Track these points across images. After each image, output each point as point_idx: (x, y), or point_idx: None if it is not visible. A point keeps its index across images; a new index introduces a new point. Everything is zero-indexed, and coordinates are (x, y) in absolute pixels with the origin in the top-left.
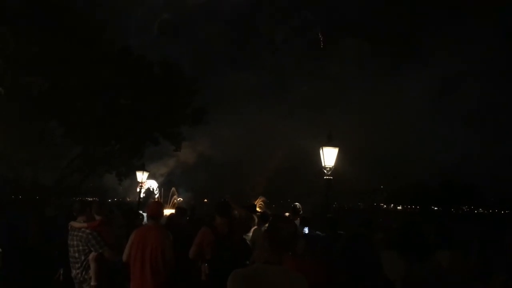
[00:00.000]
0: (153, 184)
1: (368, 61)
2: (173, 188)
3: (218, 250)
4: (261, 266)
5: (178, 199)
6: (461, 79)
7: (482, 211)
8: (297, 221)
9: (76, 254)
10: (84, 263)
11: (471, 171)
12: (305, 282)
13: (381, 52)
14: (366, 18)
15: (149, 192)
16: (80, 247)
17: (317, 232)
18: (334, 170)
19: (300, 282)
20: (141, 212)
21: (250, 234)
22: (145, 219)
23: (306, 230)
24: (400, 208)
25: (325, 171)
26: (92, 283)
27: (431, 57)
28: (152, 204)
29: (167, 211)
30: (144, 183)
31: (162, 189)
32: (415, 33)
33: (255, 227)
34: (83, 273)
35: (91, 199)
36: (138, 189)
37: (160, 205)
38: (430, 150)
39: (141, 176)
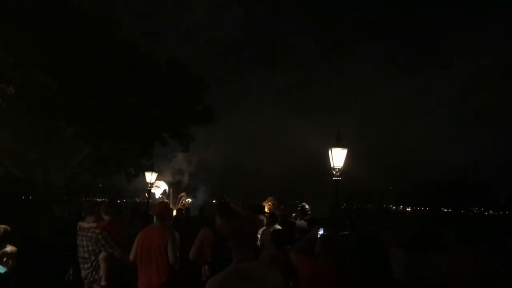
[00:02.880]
0: (164, 186)
1: (382, 64)
2: (182, 193)
3: (219, 251)
4: (235, 266)
5: (187, 200)
6: (473, 82)
7: (492, 212)
8: (301, 222)
9: (86, 255)
10: (94, 263)
11: (482, 173)
12: (279, 273)
13: (397, 55)
14: (386, 22)
15: (164, 194)
16: (90, 247)
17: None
18: (343, 171)
19: (274, 274)
20: (150, 213)
21: (259, 235)
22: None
23: (321, 231)
24: (409, 209)
25: (334, 172)
26: (102, 283)
27: (446, 59)
28: (159, 204)
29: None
30: (154, 183)
31: (171, 190)
32: (434, 37)
33: (264, 227)
34: (93, 273)
35: (101, 199)
36: (149, 190)
37: (167, 205)
38: (440, 151)
39: (150, 177)
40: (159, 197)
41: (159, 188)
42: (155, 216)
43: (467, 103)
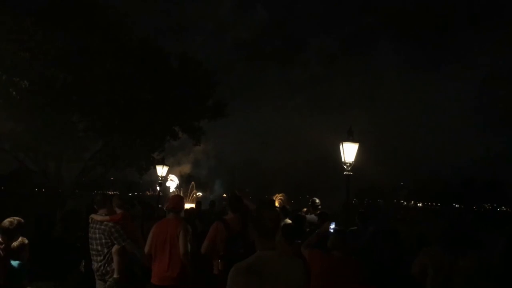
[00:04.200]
0: (176, 180)
1: (398, 61)
2: (192, 183)
3: (231, 245)
4: (259, 254)
5: (198, 194)
6: (484, 81)
7: (505, 209)
8: (312, 216)
9: (99, 247)
10: (107, 256)
11: (494, 168)
12: (301, 264)
13: (412, 53)
14: (402, 20)
15: (178, 187)
16: (103, 240)
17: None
18: (355, 166)
19: (296, 265)
20: (160, 206)
21: None
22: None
23: (333, 225)
24: (420, 205)
25: (345, 166)
26: (115, 275)
27: (462, 58)
28: (172, 197)
29: (187, 205)
30: (167, 177)
31: (182, 188)
32: (449, 36)
33: None
34: (106, 265)
35: (112, 192)
36: (160, 183)
37: (181, 199)
38: (452, 146)
39: (161, 170)
40: (173, 191)
41: (173, 182)
42: (167, 209)
43: (482, 100)
